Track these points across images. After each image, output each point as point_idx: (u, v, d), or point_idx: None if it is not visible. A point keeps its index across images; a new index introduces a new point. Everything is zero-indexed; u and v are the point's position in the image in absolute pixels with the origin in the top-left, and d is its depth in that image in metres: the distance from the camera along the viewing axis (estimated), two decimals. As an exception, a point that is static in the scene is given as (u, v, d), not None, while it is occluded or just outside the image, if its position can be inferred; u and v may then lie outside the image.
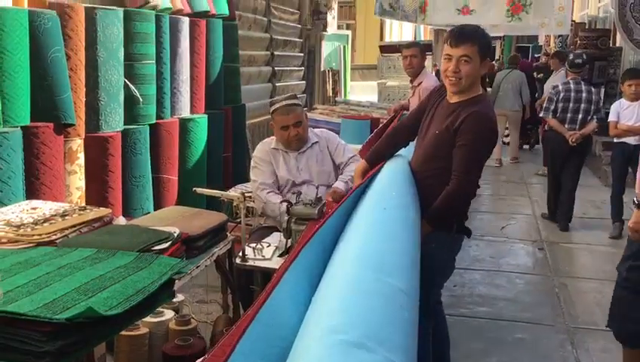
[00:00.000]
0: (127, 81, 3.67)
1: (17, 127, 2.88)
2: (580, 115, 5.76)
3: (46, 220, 2.24)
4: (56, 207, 2.43)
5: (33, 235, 2.12)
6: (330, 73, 10.16)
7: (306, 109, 3.90)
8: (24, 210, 2.35)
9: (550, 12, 7.81)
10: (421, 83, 5.01)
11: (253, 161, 3.41)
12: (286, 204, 2.78)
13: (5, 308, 1.57)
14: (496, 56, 18.24)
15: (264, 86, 7.43)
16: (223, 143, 5.04)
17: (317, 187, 3.08)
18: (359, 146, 4.01)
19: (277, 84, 7.76)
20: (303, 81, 9.04)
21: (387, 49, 10.33)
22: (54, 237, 2.15)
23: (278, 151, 3.37)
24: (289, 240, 2.69)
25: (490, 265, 4.86)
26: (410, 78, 5.24)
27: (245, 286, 2.90)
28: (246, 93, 5.96)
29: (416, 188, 2.57)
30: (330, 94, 9.96)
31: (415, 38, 14.66)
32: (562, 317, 3.92)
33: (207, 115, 4.65)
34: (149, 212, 3.67)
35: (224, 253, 2.75)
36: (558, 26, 9.08)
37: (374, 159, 2.80)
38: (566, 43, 11.78)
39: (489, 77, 9.42)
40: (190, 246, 2.37)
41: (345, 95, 10.69)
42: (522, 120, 9.36)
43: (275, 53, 7.68)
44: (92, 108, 3.43)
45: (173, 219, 2.52)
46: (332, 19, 10.18)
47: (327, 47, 10.16)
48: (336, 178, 3.36)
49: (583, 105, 5.75)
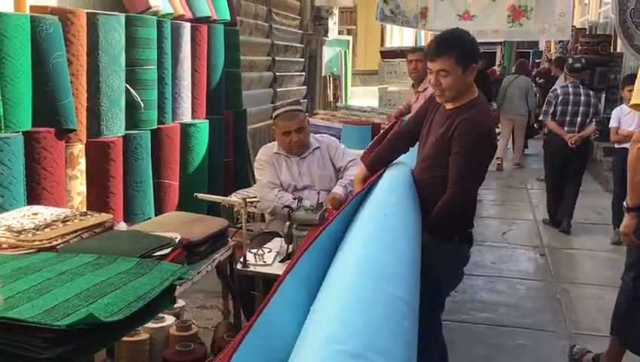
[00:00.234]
0: (128, 86, 3.67)
1: (19, 132, 2.88)
2: (579, 118, 5.79)
3: (47, 226, 2.24)
4: (58, 212, 2.43)
5: (34, 241, 2.12)
6: (331, 78, 10.17)
7: (307, 114, 3.89)
8: (25, 216, 2.34)
9: (551, 18, 7.80)
10: (426, 89, 4.84)
11: (256, 164, 3.40)
12: (287, 209, 2.78)
13: (6, 314, 1.56)
14: (497, 62, 18.30)
15: (265, 91, 7.44)
16: (224, 148, 5.04)
17: (318, 192, 3.08)
18: (361, 152, 4.00)
19: (278, 90, 7.77)
20: (304, 87, 9.05)
21: (388, 54, 10.33)
22: (55, 243, 2.15)
23: (280, 156, 3.37)
24: (290, 246, 2.69)
25: (492, 271, 4.85)
26: (414, 83, 5.18)
27: (246, 292, 2.89)
28: (247, 98, 5.97)
29: (417, 194, 2.54)
30: (331, 99, 9.97)
31: (416, 44, 14.67)
32: (564, 323, 3.91)
33: (208, 120, 4.65)
34: (150, 217, 3.67)
35: (225, 259, 2.75)
36: (558, 31, 9.08)
37: (375, 165, 2.77)
38: (567, 48, 11.79)
39: (484, 81, 9.41)
40: (191, 252, 2.36)
41: (346, 100, 10.69)
42: (527, 125, 9.42)
43: (276, 58, 7.68)
44: (93, 114, 3.43)
45: (175, 225, 2.52)
46: (333, 24, 10.20)
47: (328, 53, 10.17)
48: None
49: (581, 108, 5.78)
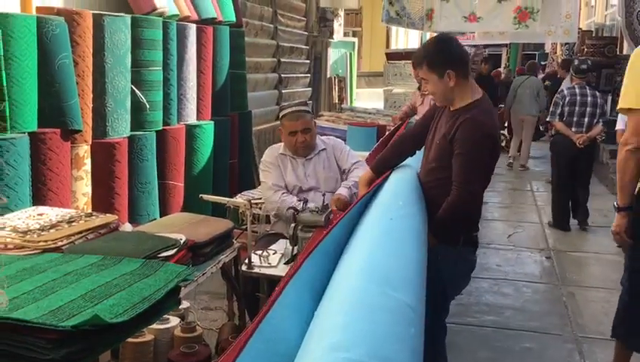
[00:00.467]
0: (134, 87, 3.67)
1: (25, 133, 2.89)
2: (586, 119, 5.82)
3: (52, 226, 2.24)
4: (63, 213, 2.43)
5: (39, 241, 2.12)
6: (336, 80, 10.16)
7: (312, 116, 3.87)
8: (31, 216, 2.35)
9: (557, 20, 7.78)
10: None
11: (262, 165, 3.40)
12: (292, 211, 2.77)
13: (11, 314, 1.56)
14: (503, 64, 18.24)
15: (270, 93, 7.44)
16: (229, 150, 5.04)
17: (323, 194, 3.07)
18: (366, 153, 3.99)
19: (283, 91, 7.77)
20: (309, 88, 9.05)
21: (393, 56, 10.33)
22: (60, 244, 2.15)
23: (285, 157, 3.37)
24: (295, 248, 2.69)
25: (497, 274, 4.83)
26: (419, 85, 5.18)
27: (251, 294, 2.88)
28: (252, 99, 5.97)
29: (423, 197, 2.52)
30: (336, 101, 9.95)
31: (421, 46, 14.68)
32: (570, 326, 3.89)
33: (213, 122, 4.65)
34: (155, 218, 3.67)
35: (230, 260, 2.75)
36: (565, 33, 9.07)
37: (380, 168, 2.75)
38: (573, 51, 11.77)
39: (490, 83, 9.41)
40: (196, 253, 2.36)
41: (351, 102, 10.68)
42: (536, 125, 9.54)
43: (281, 60, 7.69)
44: (99, 115, 3.43)
45: (180, 226, 2.52)
46: (338, 26, 10.19)
47: (333, 54, 10.16)
48: (342, 185, 3.35)
49: (588, 108, 5.81)
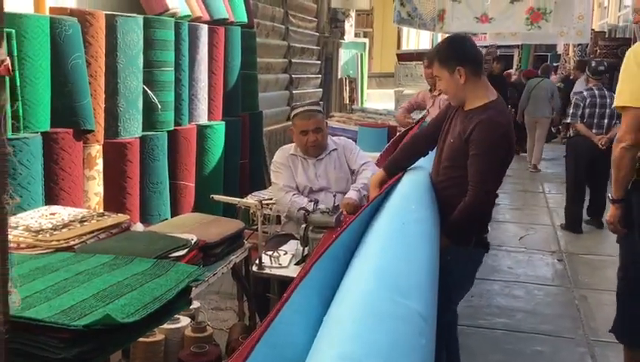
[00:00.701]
0: (145, 87, 3.68)
1: (37, 132, 2.90)
2: (606, 120, 5.86)
3: (65, 226, 2.25)
4: (75, 212, 2.44)
5: (52, 241, 2.13)
6: (347, 81, 10.14)
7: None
8: (43, 216, 2.36)
9: (570, 21, 7.72)
10: (441, 93, 4.88)
11: (273, 166, 3.40)
12: (303, 212, 2.76)
13: (23, 313, 1.57)
14: (515, 65, 18.14)
15: (281, 93, 7.44)
16: (240, 150, 5.04)
17: (334, 194, 3.06)
18: (376, 154, 3.98)
19: (294, 92, 7.77)
20: (320, 89, 9.04)
21: (404, 57, 10.33)
22: (73, 243, 2.16)
23: (296, 158, 3.36)
24: (306, 248, 2.68)
25: (509, 276, 4.80)
26: (430, 87, 5.12)
27: (261, 294, 2.88)
28: (263, 100, 5.97)
29: (436, 201, 2.50)
30: (347, 102, 9.94)
31: (432, 47, 14.60)
32: (582, 329, 3.86)
33: (224, 122, 4.65)
34: (166, 218, 3.68)
35: (241, 261, 2.75)
36: (577, 34, 8.99)
37: (393, 169, 2.72)
38: (585, 52, 11.69)
39: (501, 83, 9.37)
40: (207, 254, 2.37)
41: (362, 103, 10.66)
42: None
43: (292, 60, 7.69)
44: (111, 115, 3.45)
45: (191, 226, 2.52)
46: (349, 27, 10.17)
47: (344, 55, 10.14)
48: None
49: (607, 110, 5.82)
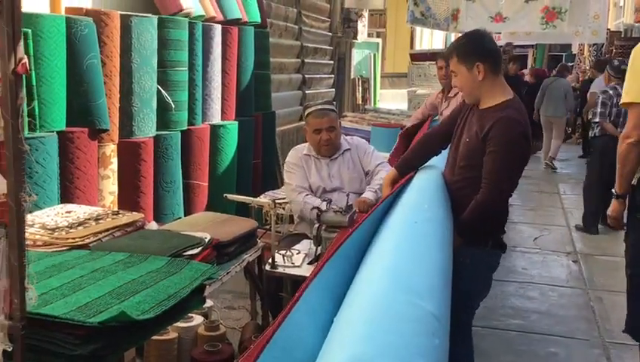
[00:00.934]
0: (159, 87, 3.71)
1: (53, 131, 2.93)
2: None
3: (80, 224, 2.27)
4: (90, 210, 2.46)
5: (67, 238, 2.15)
6: (359, 81, 10.13)
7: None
8: (59, 214, 2.38)
9: (585, 20, 7.64)
10: (457, 94, 4.55)
11: (286, 166, 3.40)
12: (316, 211, 2.76)
13: (39, 310, 1.58)
14: (529, 65, 18.02)
15: (294, 93, 7.45)
16: (253, 150, 5.06)
17: (347, 195, 3.06)
18: (389, 154, 3.97)
19: (307, 92, 7.77)
20: (333, 89, 9.04)
21: (417, 57, 10.27)
22: (88, 241, 2.18)
23: (310, 158, 3.36)
24: (319, 248, 2.68)
25: (523, 277, 4.76)
26: (443, 88, 5.00)
27: (274, 293, 2.88)
28: (276, 100, 5.98)
29: (449, 200, 2.47)
30: (360, 102, 9.93)
31: (446, 47, 14.56)
32: (597, 331, 3.82)
33: (237, 122, 4.67)
34: (180, 217, 3.70)
35: (254, 260, 2.75)
36: (593, 34, 8.89)
37: (405, 168, 2.71)
38: (601, 52, 11.58)
39: (517, 83, 9.32)
40: (220, 252, 2.38)
41: (374, 103, 10.64)
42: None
43: (305, 60, 7.69)
44: (126, 114, 3.47)
45: (204, 225, 2.53)
46: (362, 27, 10.17)
47: (357, 55, 10.14)
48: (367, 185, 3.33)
49: None
